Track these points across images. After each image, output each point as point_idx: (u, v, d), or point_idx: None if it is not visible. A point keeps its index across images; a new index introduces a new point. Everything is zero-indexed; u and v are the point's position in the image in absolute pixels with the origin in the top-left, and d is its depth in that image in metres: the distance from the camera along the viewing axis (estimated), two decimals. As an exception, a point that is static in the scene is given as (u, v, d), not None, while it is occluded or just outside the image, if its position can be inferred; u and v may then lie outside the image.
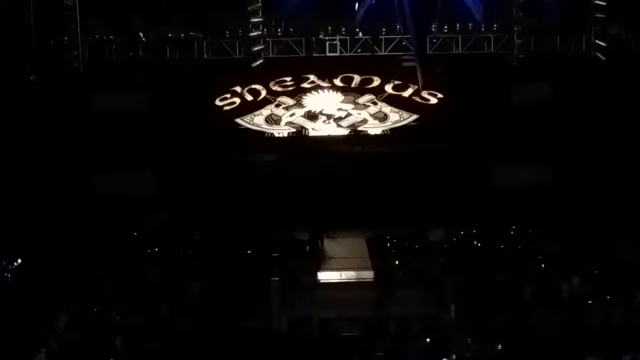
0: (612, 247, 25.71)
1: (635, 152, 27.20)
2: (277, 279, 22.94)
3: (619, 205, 27.10)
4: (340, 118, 29.14)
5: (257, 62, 26.40)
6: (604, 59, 26.19)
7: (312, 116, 29.37)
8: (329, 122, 29.14)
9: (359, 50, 27.07)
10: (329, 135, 29.22)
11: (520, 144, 27.78)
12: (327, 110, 29.60)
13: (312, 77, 30.14)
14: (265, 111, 29.55)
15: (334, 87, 29.89)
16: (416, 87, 28.49)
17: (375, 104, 29.87)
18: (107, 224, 25.92)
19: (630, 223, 26.56)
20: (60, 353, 19.59)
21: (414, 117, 29.00)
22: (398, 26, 26.73)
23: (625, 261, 24.61)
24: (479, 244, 26.47)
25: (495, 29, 26.90)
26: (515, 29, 26.47)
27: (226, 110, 29.91)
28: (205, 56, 26.72)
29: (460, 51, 27.02)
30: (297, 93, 29.97)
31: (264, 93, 30.06)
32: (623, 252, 25.37)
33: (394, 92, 30.02)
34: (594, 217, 26.42)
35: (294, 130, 28.39)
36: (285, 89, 30.03)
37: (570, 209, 26.74)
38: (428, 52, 26.85)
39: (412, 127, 28.98)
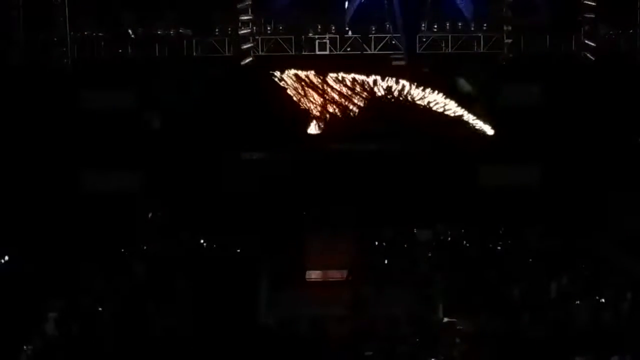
0: (599, 247, 25.78)
1: (624, 152, 27.26)
2: (265, 277, 22.91)
3: (606, 205, 27.16)
4: None
5: (247, 60, 26.34)
6: (593, 59, 26.20)
7: None
8: None
9: (348, 49, 26.99)
10: (320, 134, 29.25)
11: (509, 144, 27.79)
12: None
13: None
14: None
15: None
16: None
17: None
18: (95, 221, 25.84)
19: (617, 223, 26.62)
20: (47, 351, 19.53)
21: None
22: (388, 25, 26.68)
23: (613, 261, 24.68)
24: (467, 244, 26.50)
25: (485, 28, 26.89)
26: (505, 28, 26.45)
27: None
28: (195, 54, 26.62)
29: (450, 50, 26.96)
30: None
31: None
32: (610, 252, 25.44)
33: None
34: (583, 217, 26.48)
35: None
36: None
37: (558, 208, 26.80)
38: (417, 51, 26.80)
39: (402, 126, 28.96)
